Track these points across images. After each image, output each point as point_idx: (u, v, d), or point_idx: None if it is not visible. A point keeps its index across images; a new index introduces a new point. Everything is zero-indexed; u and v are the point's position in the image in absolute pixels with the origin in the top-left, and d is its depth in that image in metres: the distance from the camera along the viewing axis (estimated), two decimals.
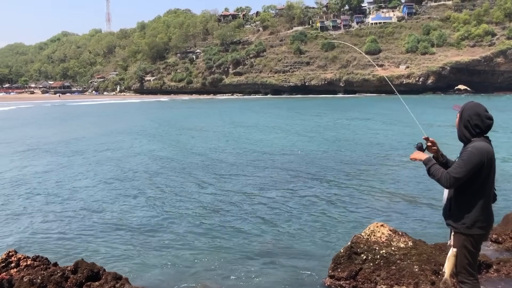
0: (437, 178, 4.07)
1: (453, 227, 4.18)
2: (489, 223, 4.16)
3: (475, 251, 4.16)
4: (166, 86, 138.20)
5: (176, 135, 30.01)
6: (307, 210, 10.91)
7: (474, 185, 4.02)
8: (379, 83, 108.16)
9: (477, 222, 4.05)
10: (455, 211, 4.16)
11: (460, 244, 4.13)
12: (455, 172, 3.97)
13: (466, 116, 4.14)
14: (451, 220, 4.21)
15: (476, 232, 4.07)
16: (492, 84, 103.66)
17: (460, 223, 4.09)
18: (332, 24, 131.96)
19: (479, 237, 4.12)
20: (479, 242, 4.18)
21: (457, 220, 4.12)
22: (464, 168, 3.94)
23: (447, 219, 4.28)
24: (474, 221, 4.04)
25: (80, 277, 5.98)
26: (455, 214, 4.16)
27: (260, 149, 21.83)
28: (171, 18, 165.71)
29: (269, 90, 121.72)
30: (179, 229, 9.67)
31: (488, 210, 4.13)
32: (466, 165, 3.94)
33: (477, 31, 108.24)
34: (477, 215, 4.04)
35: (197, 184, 14.16)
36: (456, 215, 4.15)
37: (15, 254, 6.28)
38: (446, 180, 4.00)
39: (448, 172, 4.01)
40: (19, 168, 17.72)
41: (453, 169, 4.01)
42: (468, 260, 4.14)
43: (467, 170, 3.93)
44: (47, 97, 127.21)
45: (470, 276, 4.17)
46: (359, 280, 6.13)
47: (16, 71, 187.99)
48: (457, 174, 3.95)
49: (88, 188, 13.87)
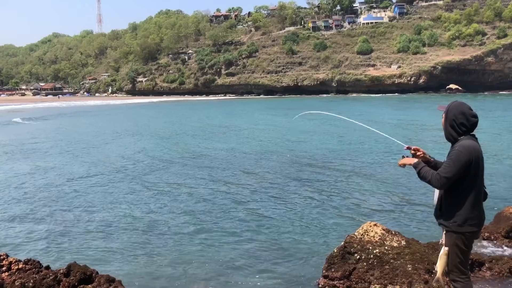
0: (428, 180, 4.13)
1: (445, 226, 4.21)
2: (480, 221, 4.19)
3: (467, 249, 4.19)
4: (158, 87, 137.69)
5: (189, 135, 29.94)
6: (300, 211, 10.92)
7: (464, 184, 4.06)
8: (371, 83, 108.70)
9: (468, 220, 4.08)
10: (446, 210, 4.19)
11: (451, 243, 4.16)
12: (444, 172, 4.02)
13: (451, 115, 4.19)
14: (442, 219, 4.24)
15: (468, 230, 4.10)
16: (483, 83, 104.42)
17: (451, 221, 4.12)
18: (324, 24, 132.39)
19: (470, 235, 4.15)
20: (471, 240, 4.21)
21: (448, 218, 4.16)
22: (453, 167, 3.99)
23: (438, 218, 4.31)
24: (465, 219, 4.08)
25: (73, 280, 5.93)
26: (446, 213, 4.19)
27: (251, 151, 21.82)
28: (163, 19, 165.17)
29: (262, 91, 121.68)
30: (172, 231, 9.64)
31: (479, 208, 4.16)
32: (455, 165, 3.99)
33: (467, 31, 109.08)
34: (467, 213, 4.07)
35: (190, 186, 14.13)
36: (447, 214, 4.18)
37: (6, 257, 6.21)
38: (437, 181, 4.05)
39: (438, 173, 4.06)
40: (7, 170, 17.57)
41: (442, 169, 4.06)
42: (460, 259, 4.17)
43: (457, 169, 3.98)
44: (46, 99, 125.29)
45: (462, 274, 4.20)
46: (353, 280, 6.14)
47: (6, 73, 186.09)
48: (447, 174, 4.00)
49: (80, 191, 13.77)
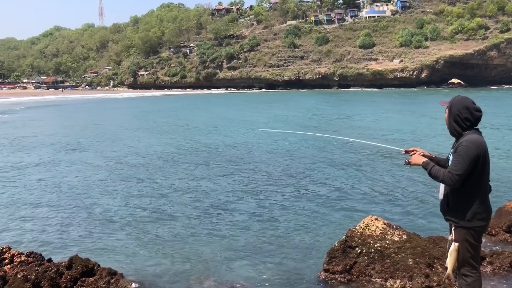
0: (440, 179, 4.08)
1: (453, 222, 4.17)
2: (488, 214, 4.17)
3: (477, 243, 4.15)
4: (159, 81, 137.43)
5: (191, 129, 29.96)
6: (300, 204, 10.93)
7: (472, 178, 4.02)
8: (373, 77, 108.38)
9: (477, 214, 4.05)
10: (454, 205, 4.14)
11: (461, 238, 4.12)
12: (455, 169, 3.97)
13: (455, 110, 4.15)
14: (450, 214, 4.20)
15: (477, 224, 4.07)
16: (485, 78, 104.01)
17: (460, 217, 4.09)
18: (326, 18, 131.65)
19: (480, 229, 4.12)
20: (480, 234, 4.18)
21: (457, 214, 4.12)
22: (463, 163, 3.94)
23: (446, 214, 4.26)
24: (474, 214, 4.04)
25: (75, 273, 5.96)
26: (454, 208, 4.15)
27: (249, 144, 21.82)
28: (164, 12, 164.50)
29: (264, 85, 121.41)
30: (174, 224, 9.67)
31: (486, 202, 4.14)
32: (464, 161, 3.94)
33: (470, 25, 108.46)
34: (476, 207, 4.05)
35: (192, 180, 14.15)
36: (455, 209, 4.14)
37: (9, 250, 6.25)
38: (449, 179, 3.99)
39: (449, 171, 4.01)
40: (10, 161, 17.61)
41: (453, 166, 4.01)
42: (471, 253, 4.13)
43: (467, 165, 3.94)
44: (47, 92, 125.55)
45: (473, 269, 4.17)
46: (353, 274, 6.16)
47: (8, 66, 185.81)
48: (458, 171, 3.95)
49: (82, 184, 13.81)
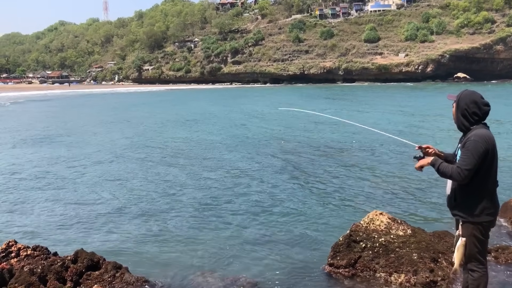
0: (449, 175, 4.04)
1: (461, 217, 4.14)
2: (496, 210, 4.14)
3: (484, 238, 4.13)
4: (164, 75, 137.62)
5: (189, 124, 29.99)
6: (305, 198, 10.92)
7: (480, 173, 3.98)
8: (378, 72, 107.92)
9: (485, 210, 4.02)
10: (462, 200, 4.11)
11: (469, 233, 4.09)
12: (465, 165, 3.93)
13: (463, 104, 4.11)
14: (458, 210, 4.17)
15: (485, 220, 4.04)
16: (491, 72, 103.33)
17: (468, 212, 4.06)
18: (331, 12, 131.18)
19: (487, 224, 4.09)
20: (488, 230, 4.15)
21: (465, 209, 4.09)
22: (472, 158, 3.90)
23: (453, 209, 4.23)
24: (482, 209, 4.02)
25: (80, 267, 6.00)
26: (461, 203, 4.12)
27: (252, 138, 21.82)
28: (169, 6, 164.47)
29: (268, 79, 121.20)
30: (179, 218, 9.69)
31: (494, 197, 4.11)
32: (473, 156, 3.90)
33: (476, 19, 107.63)
34: (484, 202, 4.02)
35: (195, 174, 14.16)
36: (463, 204, 4.11)
37: (15, 244, 6.29)
38: (458, 175, 3.95)
39: (458, 166, 3.97)
40: (16, 157, 17.70)
41: (462, 161, 3.97)
42: (478, 249, 4.11)
43: (476, 160, 3.90)
44: (53, 87, 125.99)
45: (480, 264, 4.15)
46: (358, 268, 6.16)
47: (13, 61, 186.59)
48: (467, 166, 3.91)
49: (87, 178, 13.86)
